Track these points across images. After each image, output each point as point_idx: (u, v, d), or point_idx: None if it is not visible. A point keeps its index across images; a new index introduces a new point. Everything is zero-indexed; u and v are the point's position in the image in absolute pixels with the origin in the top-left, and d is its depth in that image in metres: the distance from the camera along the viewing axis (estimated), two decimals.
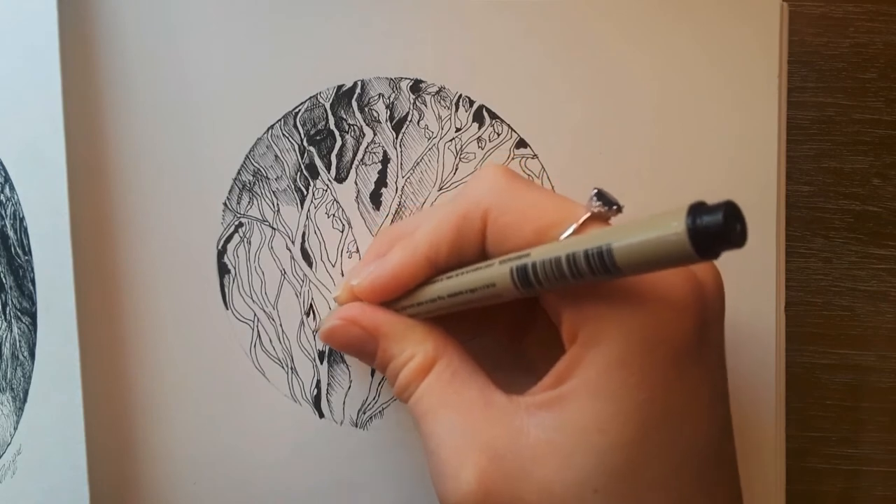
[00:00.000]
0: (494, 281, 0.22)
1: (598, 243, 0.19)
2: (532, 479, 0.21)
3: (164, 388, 0.28)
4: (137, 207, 0.28)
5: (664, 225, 0.17)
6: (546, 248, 0.20)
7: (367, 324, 0.25)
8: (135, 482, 0.28)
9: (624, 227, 0.19)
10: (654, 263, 0.18)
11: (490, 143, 0.29)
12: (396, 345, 0.24)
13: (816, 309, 0.34)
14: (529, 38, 0.29)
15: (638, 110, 0.29)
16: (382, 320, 0.25)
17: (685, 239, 0.17)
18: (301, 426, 0.28)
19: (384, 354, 0.25)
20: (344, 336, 0.25)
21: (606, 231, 0.19)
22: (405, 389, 0.24)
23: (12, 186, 0.29)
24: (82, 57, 0.27)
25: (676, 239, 0.17)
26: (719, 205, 0.17)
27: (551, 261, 0.20)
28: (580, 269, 0.19)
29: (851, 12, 0.34)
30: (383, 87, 0.29)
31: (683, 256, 0.17)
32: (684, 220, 0.17)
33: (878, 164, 0.34)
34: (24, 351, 0.29)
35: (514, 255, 0.21)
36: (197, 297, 0.28)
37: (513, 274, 0.21)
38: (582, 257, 0.19)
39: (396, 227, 0.27)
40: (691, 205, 0.17)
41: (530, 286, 0.21)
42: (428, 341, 0.24)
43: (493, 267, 0.22)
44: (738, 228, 0.17)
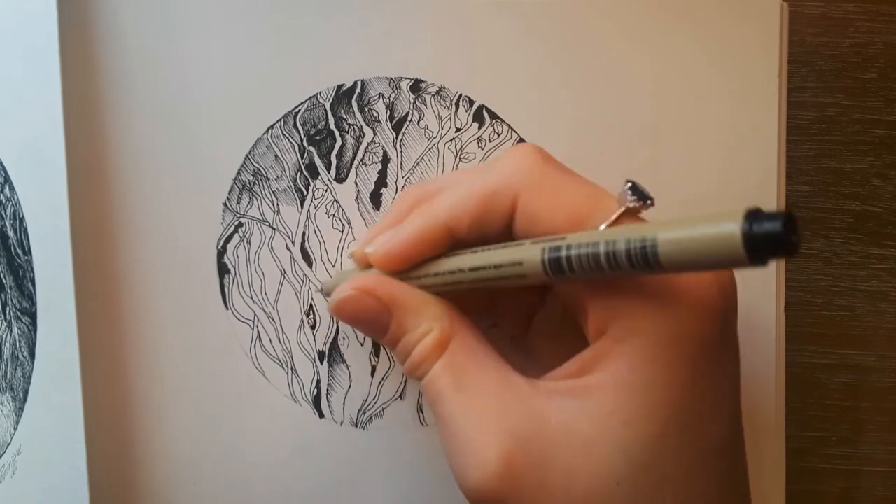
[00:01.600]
0: (522, 260, 0.21)
1: (641, 238, 0.18)
2: (556, 465, 0.21)
3: (163, 388, 0.28)
4: (137, 207, 0.28)
5: (717, 226, 0.17)
6: (584, 236, 0.20)
7: (383, 295, 0.23)
8: (134, 482, 0.28)
9: (670, 224, 0.18)
10: (699, 264, 0.18)
11: (490, 143, 0.29)
12: (412, 318, 0.23)
13: (816, 309, 0.34)
14: (530, 37, 0.29)
15: (638, 110, 0.29)
16: (399, 292, 0.24)
17: (739, 243, 0.17)
18: (301, 426, 0.28)
19: (398, 328, 0.23)
20: (357, 307, 0.24)
21: (650, 226, 0.19)
22: (419, 367, 0.23)
23: (12, 186, 0.29)
24: (82, 57, 0.27)
25: (730, 242, 0.17)
26: (779, 213, 0.17)
27: (588, 249, 0.20)
28: (619, 262, 0.19)
29: (851, 12, 0.34)
30: (383, 87, 0.29)
31: (733, 260, 0.17)
32: (741, 224, 0.17)
33: (878, 164, 0.34)
34: (23, 351, 0.29)
35: (548, 238, 0.21)
36: (197, 297, 0.28)
37: (544, 255, 0.20)
38: (623, 250, 0.19)
39: (418, 188, 0.26)
40: (749, 209, 0.17)
41: (560, 272, 0.20)
42: (444, 317, 0.23)
43: (523, 246, 0.21)
44: (794, 239, 0.17)
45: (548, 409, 0.21)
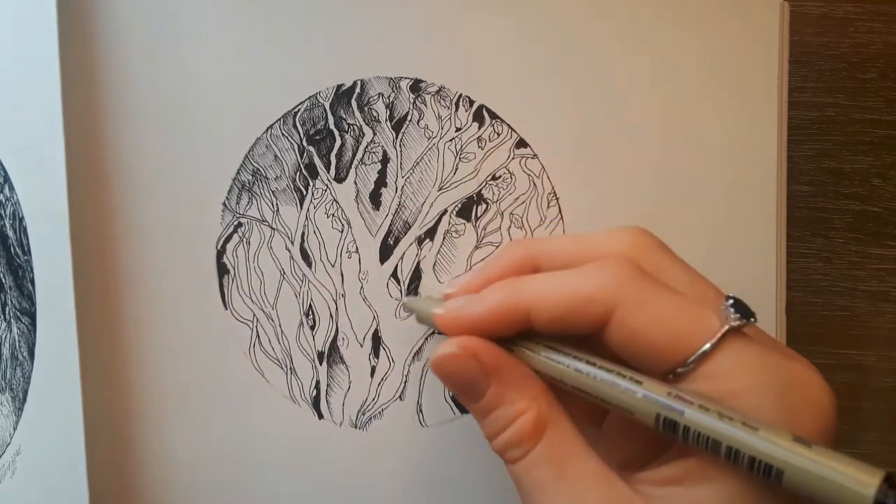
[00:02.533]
0: (631, 410, 0.21)
1: (772, 459, 0.18)
2: None
3: (163, 388, 0.28)
4: (137, 207, 0.28)
5: (853, 480, 0.17)
6: (707, 422, 0.20)
7: (488, 361, 0.22)
8: (134, 482, 0.28)
9: (806, 453, 0.18)
10: (817, 499, 0.18)
11: (490, 142, 0.29)
12: (512, 393, 0.22)
13: (816, 309, 0.34)
14: (530, 37, 0.29)
15: (638, 110, 0.29)
16: (504, 362, 0.23)
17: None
18: (300, 427, 0.28)
19: (495, 399, 0.22)
20: (459, 366, 0.23)
21: (785, 447, 0.19)
22: (513, 447, 0.22)
23: (12, 186, 0.29)
24: (82, 57, 0.27)
25: (858, 499, 0.17)
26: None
27: (709, 438, 0.19)
28: (738, 460, 0.19)
29: (851, 12, 0.34)
30: (383, 87, 0.29)
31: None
32: (875, 490, 0.17)
33: (878, 164, 0.34)
34: (23, 351, 0.29)
35: (661, 401, 0.20)
36: (196, 297, 0.28)
37: (658, 419, 0.20)
38: (747, 458, 0.19)
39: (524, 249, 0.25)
40: (886, 475, 0.17)
41: (674, 435, 0.20)
42: (542, 398, 0.22)
43: (636, 396, 0.21)
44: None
45: None
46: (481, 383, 0.23)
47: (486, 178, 0.29)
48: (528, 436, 0.22)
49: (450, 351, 0.23)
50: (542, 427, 0.22)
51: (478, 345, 0.23)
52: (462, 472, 0.29)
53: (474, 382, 0.23)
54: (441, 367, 0.23)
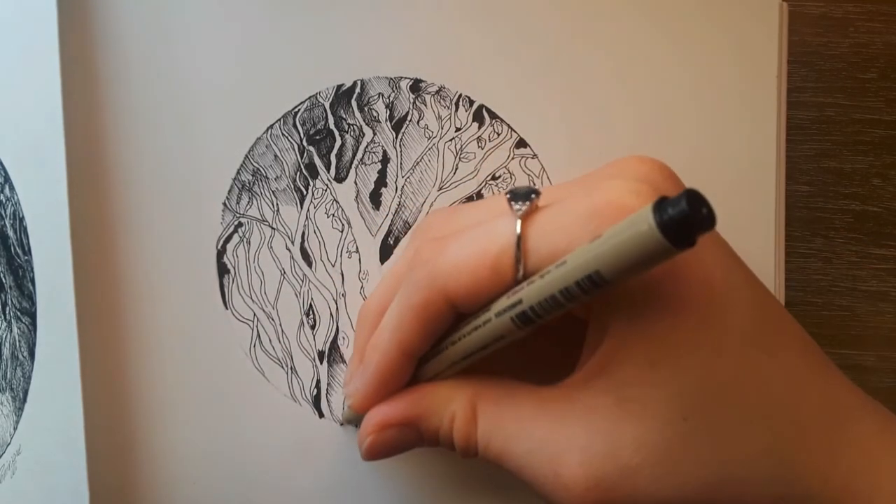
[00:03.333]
0: (501, 333, 0.22)
1: (584, 269, 0.19)
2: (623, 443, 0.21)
3: (163, 388, 0.28)
4: (137, 207, 0.28)
5: (634, 227, 0.18)
6: (535, 289, 0.21)
7: (396, 418, 0.24)
8: (134, 482, 0.28)
9: (601, 244, 0.19)
10: (640, 266, 0.19)
11: (490, 142, 0.29)
12: (433, 417, 0.24)
13: (816, 309, 0.34)
14: (529, 37, 0.29)
15: (637, 110, 0.29)
16: (405, 406, 0.24)
17: (658, 234, 0.18)
18: (301, 426, 0.28)
19: (428, 433, 0.24)
20: (384, 444, 0.24)
21: (585, 252, 0.19)
22: (467, 448, 0.23)
23: (12, 186, 0.29)
24: (82, 57, 0.27)
25: (650, 237, 0.18)
26: (681, 195, 0.17)
27: (547, 299, 0.20)
28: (575, 295, 0.20)
29: (851, 12, 0.34)
30: (383, 87, 0.29)
31: (663, 252, 0.18)
32: (651, 218, 0.18)
33: (878, 164, 0.34)
34: (23, 351, 0.29)
35: (506, 306, 0.21)
36: (196, 297, 0.28)
37: (515, 322, 0.21)
38: (574, 287, 0.20)
39: (363, 318, 0.26)
40: (654, 203, 0.18)
41: (533, 322, 0.21)
42: (456, 394, 0.23)
43: (491, 322, 0.22)
44: (705, 212, 0.18)
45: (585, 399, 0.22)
46: (410, 434, 0.24)
47: (486, 178, 0.29)
48: (466, 432, 0.23)
49: (368, 441, 0.24)
50: (472, 414, 0.23)
51: (378, 415, 0.24)
52: (462, 472, 0.29)
53: (405, 439, 0.24)
54: (374, 454, 0.24)
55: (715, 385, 0.21)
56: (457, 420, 0.23)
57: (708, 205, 0.18)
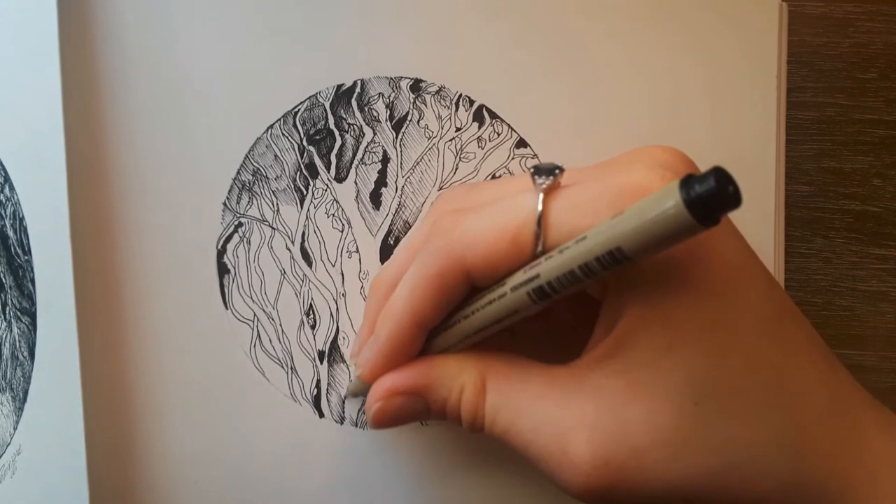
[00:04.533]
0: (516, 307, 0.22)
1: (605, 244, 0.19)
2: (633, 424, 0.21)
3: (163, 387, 0.28)
4: (137, 207, 0.28)
5: (661, 204, 0.18)
6: (554, 264, 0.20)
7: (405, 386, 0.24)
8: (134, 482, 0.28)
9: (623, 219, 0.19)
10: (663, 243, 0.19)
11: (490, 142, 0.29)
12: (442, 388, 0.23)
13: (816, 309, 0.34)
14: (530, 37, 0.29)
15: (637, 110, 0.29)
16: (416, 374, 0.24)
17: (684, 212, 0.17)
18: (301, 426, 0.28)
19: (436, 404, 0.24)
20: (392, 412, 0.24)
21: (607, 228, 0.19)
22: (474, 421, 0.23)
23: (12, 186, 0.29)
24: (82, 57, 0.27)
25: (677, 214, 0.18)
26: (709, 172, 0.17)
27: (565, 274, 0.20)
28: (594, 271, 0.20)
29: (851, 12, 0.34)
30: (383, 87, 0.29)
31: (687, 229, 0.18)
32: (678, 194, 0.18)
33: (878, 164, 0.34)
34: (23, 351, 0.29)
35: (522, 280, 0.21)
36: (197, 297, 0.28)
37: (531, 296, 0.21)
38: (594, 263, 0.20)
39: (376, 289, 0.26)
40: (681, 180, 0.18)
41: (550, 298, 0.21)
42: (466, 367, 0.23)
43: (507, 296, 0.22)
44: (732, 190, 0.18)
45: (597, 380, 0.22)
46: (418, 404, 0.24)
47: (486, 178, 0.29)
48: (475, 405, 0.23)
49: (375, 408, 0.24)
50: (482, 388, 0.23)
51: (388, 382, 0.24)
52: (462, 471, 0.29)
53: (413, 409, 0.24)
54: (381, 423, 0.24)
55: (728, 371, 0.21)
56: (465, 392, 0.23)
57: (734, 183, 0.18)
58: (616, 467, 0.21)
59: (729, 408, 0.21)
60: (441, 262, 0.22)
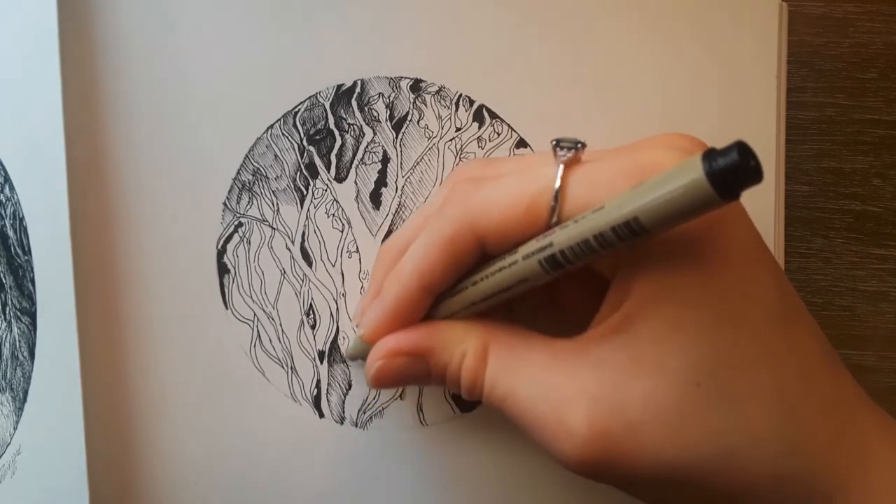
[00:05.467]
0: (526, 276, 0.22)
1: (623, 215, 0.19)
2: (633, 399, 0.21)
3: (163, 387, 0.28)
4: (137, 207, 0.28)
5: (683, 176, 0.18)
6: (569, 234, 0.20)
7: (407, 347, 0.24)
8: (134, 482, 0.28)
9: (642, 190, 0.19)
10: (681, 216, 0.19)
11: (490, 142, 0.29)
12: (444, 353, 0.23)
13: (816, 309, 0.34)
14: (530, 37, 0.29)
15: (637, 111, 0.29)
16: (419, 336, 0.24)
17: (706, 184, 0.17)
18: (301, 426, 0.28)
19: (437, 367, 0.24)
20: (392, 372, 0.24)
21: (626, 198, 0.19)
22: (473, 387, 0.23)
23: (12, 186, 0.29)
24: (82, 57, 0.27)
25: (698, 186, 0.18)
26: (731, 145, 0.17)
27: (580, 243, 0.20)
28: (609, 242, 0.20)
29: (851, 12, 0.34)
30: (383, 87, 0.29)
31: (707, 202, 0.18)
32: (700, 166, 0.17)
33: (878, 164, 0.34)
34: (23, 351, 0.29)
35: (535, 248, 0.21)
36: (197, 297, 0.28)
37: (542, 265, 0.21)
38: (610, 233, 0.19)
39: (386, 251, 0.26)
40: (704, 151, 0.18)
41: (563, 268, 0.21)
42: (469, 333, 0.23)
43: (518, 264, 0.22)
44: (753, 164, 0.17)
45: (600, 354, 0.22)
46: (419, 366, 0.24)
47: None
48: (475, 372, 0.23)
49: (376, 366, 0.24)
50: (483, 355, 0.23)
51: (391, 342, 0.24)
52: (462, 471, 0.29)
53: (414, 371, 0.24)
54: (380, 382, 0.24)
55: (733, 357, 0.21)
56: (467, 358, 0.23)
57: (756, 157, 0.17)
58: (613, 440, 0.21)
59: (731, 392, 0.21)
60: (455, 225, 0.22)
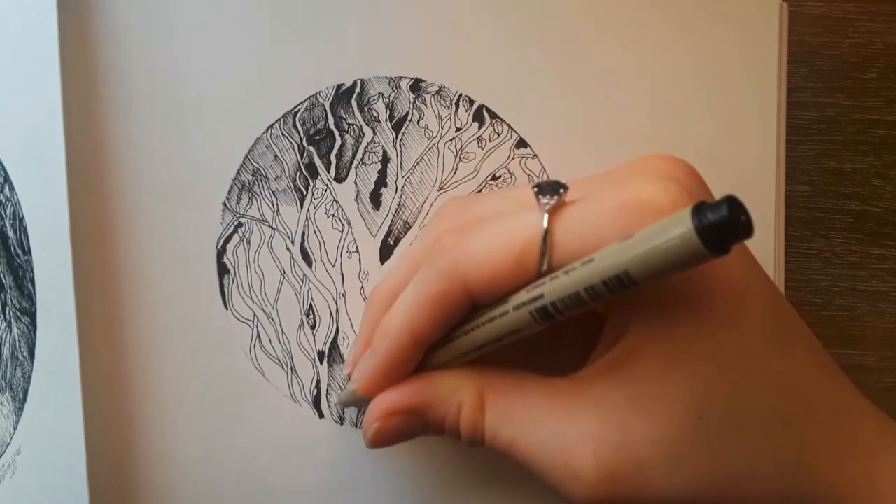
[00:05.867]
0: (518, 327, 0.22)
1: (613, 269, 0.19)
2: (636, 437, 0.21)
3: (163, 388, 0.28)
4: (137, 207, 0.28)
5: (672, 230, 0.18)
6: (559, 285, 0.20)
7: (402, 406, 0.23)
8: (134, 482, 0.28)
9: (632, 244, 0.19)
10: (671, 270, 0.18)
11: (490, 142, 0.29)
12: (440, 406, 0.23)
13: (816, 309, 0.34)
14: (530, 37, 0.29)
15: (638, 110, 0.29)
16: (412, 393, 0.23)
17: (695, 239, 0.17)
18: (301, 426, 0.28)
19: (434, 421, 0.24)
20: (390, 432, 0.24)
21: (616, 252, 0.19)
22: (474, 438, 0.23)
23: (12, 186, 0.29)
24: (82, 57, 0.27)
25: (687, 241, 0.17)
26: (721, 200, 0.17)
27: (570, 295, 0.20)
28: (600, 294, 0.20)
29: (851, 12, 0.34)
30: (383, 87, 0.29)
31: (697, 257, 0.18)
32: (690, 221, 0.17)
33: (878, 164, 0.34)
34: (23, 351, 0.29)
35: (526, 299, 0.21)
36: (196, 297, 0.28)
37: (534, 316, 0.21)
38: (601, 286, 0.19)
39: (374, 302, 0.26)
40: (693, 207, 0.18)
41: (554, 318, 0.21)
42: (464, 383, 0.23)
43: (509, 315, 0.22)
44: (744, 219, 0.17)
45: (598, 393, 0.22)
46: (415, 422, 0.24)
47: (487, 178, 0.29)
48: (473, 422, 0.23)
49: (374, 429, 0.24)
50: (480, 404, 0.23)
51: (384, 403, 0.24)
52: (462, 471, 0.29)
53: (411, 427, 0.24)
54: (379, 443, 0.24)
55: (732, 386, 0.21)
56: (464, 409, 0.23)
57: (747, 212, 0.17)
58: (620, 480, 0.21)
59: (732, 422, 0.21)
60: (443, 282, 0.22)
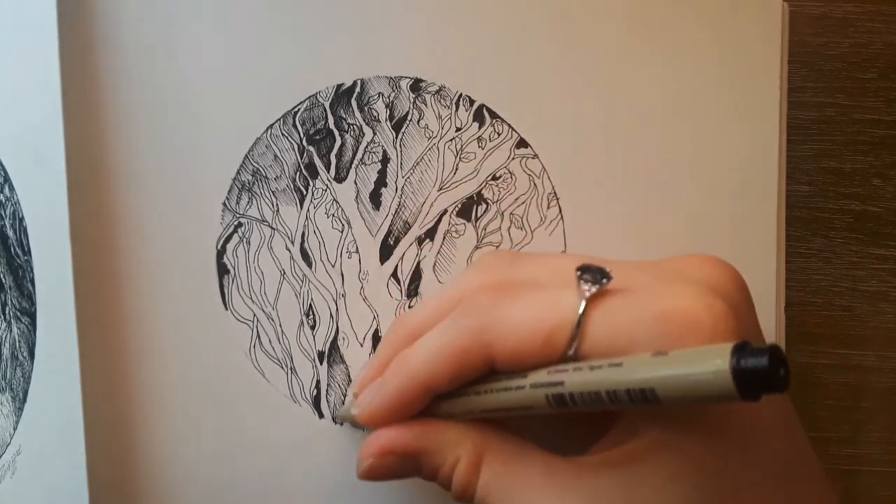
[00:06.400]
0: (531, 405, 0.21)
1: (639, 382, 0.19)
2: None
3: (163, 388, 0.28)
4: (137, 207, 0.28)
5: (707, 364, 0.18)
6: (582, 379, 0.20)
7: (401, 448, 0.24)
8: (134, 482, 0.28)
9: (664, 362, 0.19)
10: (695, 399, 0.18)
11: (490, 142, 0.29)
12: (436, 456, 0.23)
13: (816, 309, 0.34)
14: (530, 37, 0.29)
15: (638, 110, 0.29)
16: (414, 437, 0.24)
17: (729, 380, 0.17)
18: (301, 426, 0.28)
19: (428, 468, 0.24)
20: (383, 469, 0.24)
21: (646, 365, 0.19)
22: (464, 494, 0.23)
23: (12, 186, 0.29)
24: (82, 57, 0.27)
25: (720, 379, 0.17)
26: (764, 348, 0.17)
27: (590, 393, 0.20)
28: (620, 400, 0.19)
29: (851, 12, 0.34)
30: (383, 87, 0.29)
31: (725, 396, 0.17)
32: (728, 361, 0.17)
33: (878, 164, 0.34)
34: (23, 351, 0.29)
35: (545, 381, 0.21)
36: (196, 298, 0.28)
37: (549, 400, 0.21)
38: (623, 393, 0.19)
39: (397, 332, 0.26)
40: (735, 344, 0.17)
41: (567, 408, 0.21)
42: (465, 439, 0.23)
43: (524, 390, 0.21)
44: (782, 373, 0.17)
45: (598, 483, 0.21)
46: (410, 464, 0.24)
47: (487, 178, 0.29)
48: (467, 479, 0.23)
49: (368, 463, 0.24)
50: (477, 463, 0.23)
51: (383, 440, 0.24)
52: None
53: (404, 469, 0.24)
54: (370, 477, 0.24)
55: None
56: (460, 465, 0.23)
57: (786, 365, 0.17)
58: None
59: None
60: (467, 340, 0.22)
